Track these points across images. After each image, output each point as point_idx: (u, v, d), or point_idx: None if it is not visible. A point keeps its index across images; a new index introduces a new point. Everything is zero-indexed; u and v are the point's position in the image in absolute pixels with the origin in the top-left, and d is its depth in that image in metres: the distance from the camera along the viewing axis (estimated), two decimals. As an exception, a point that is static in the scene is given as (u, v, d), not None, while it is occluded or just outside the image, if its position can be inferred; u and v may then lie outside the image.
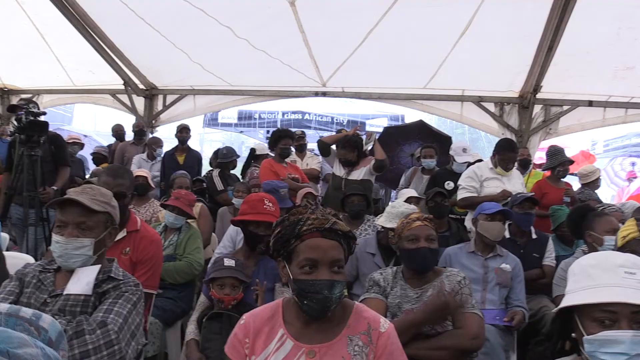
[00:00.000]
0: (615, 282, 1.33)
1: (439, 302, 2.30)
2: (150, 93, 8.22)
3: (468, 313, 2.45)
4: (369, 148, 5.34)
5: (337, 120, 10.92)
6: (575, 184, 6.61)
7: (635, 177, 10.43)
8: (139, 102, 8.27)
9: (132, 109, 8.26)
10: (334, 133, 9.00)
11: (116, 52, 7.13)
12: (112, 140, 8.54)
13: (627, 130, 10.74)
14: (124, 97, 8.27)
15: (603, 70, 6.41)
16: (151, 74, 7.90)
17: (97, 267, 2.09)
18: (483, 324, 2.49)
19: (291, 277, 1.60)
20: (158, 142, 7.15)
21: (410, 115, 9.05)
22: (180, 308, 3.72)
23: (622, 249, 2.58)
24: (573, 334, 1.42)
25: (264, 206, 2.99)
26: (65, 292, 2.02)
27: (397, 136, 7.68)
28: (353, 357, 1.58)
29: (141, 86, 8.07)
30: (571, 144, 10.14)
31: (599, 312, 1.33)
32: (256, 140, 11.44)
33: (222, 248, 3.85)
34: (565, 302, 1.40)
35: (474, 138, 22.11)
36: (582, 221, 3.43)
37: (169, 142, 8.32)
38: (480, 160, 5.54)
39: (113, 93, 8.35)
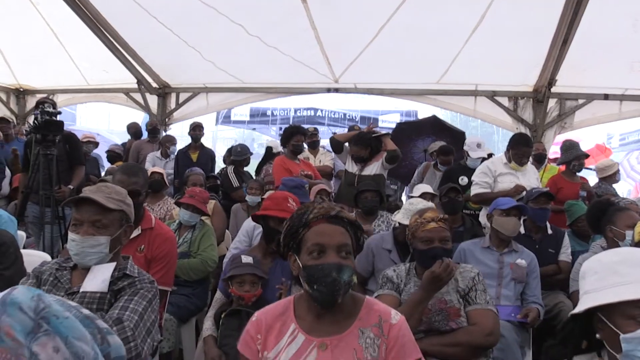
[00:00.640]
0: None
1: (430, 275, 2.34)
2: (163, 91, 8.27)
3: (482, 309, 2.44)
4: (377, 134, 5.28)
5: (349, 116, 10.90)
6: (591, 178, 6.54)
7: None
8: (152, 101, 8.33)
9: (146, 107, 8.33)
10: (346, 129, 9.00)
11: (129, 51, 7.18)
12: (125, 138, 8.61)
13: (644, 123, 10.59)
14: (137, 96, 8.34)
15: (619, 64, 6.32)
16: (164, 72, 7.95)
17: (112, 265, 2.11)
18: (498, 320, 2.47)
19: (301, 265, 1.62)
20: (172, 140, 7.20)
21: (424, 110, 9.02)
22: (194, 305, 3.74)
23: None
24: (597, 335, 1.39)
25: (288, 204, 2.99)
26: (81, 290, 2.04)
27: (410, 132, 7.65)
28: (365, 350, 1.58)
29: (154, 84, 8.13)
30: (586, 138, 10.03)
31: (634, 308, 1.30)
32: (269, 137, 11.47)
33: (238, 243, 3.87)
34: (596, 301, 1.36)
35: (488, 132, 21.95)
36: (603, 216, 3.38)
37: (182, 140, 8.37)
38: (491, 155, 5.50)
39: (127, 92, 8.43)
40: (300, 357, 1.59)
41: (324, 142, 10.29)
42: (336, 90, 7.67)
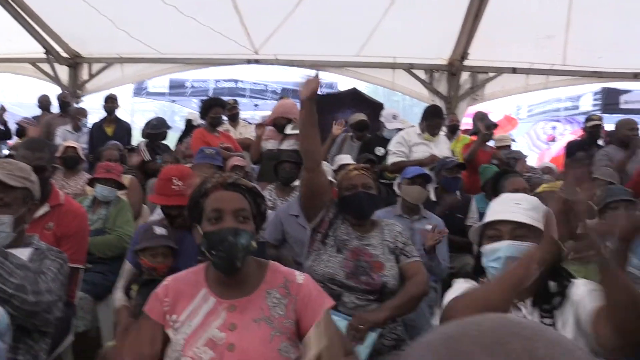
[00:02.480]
0: (505, 209, 1.72)
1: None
2: (74, 62, 7.85)
3: (419, 261, 2.61)
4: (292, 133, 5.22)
5: (270, 88, 10.80)
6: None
7: (555, 140, 11.04)
8: (62, 72, 7.89)
9: (55, 79, 7.88)
10: (268, 100, 8.94)
11: (35, 19, 6.76)
12: (35, 112, 8.12)
13: (549, 96, 11.26)
14: (46, 66, 7.86)
15: (526, 39, 6.67)
16: (74, 41, 7.54)
17: (28, 250, 2.05)
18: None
19: (201, 232, 1.69)
20: (82, 112, 6.89)
21: (344, 82, 9.11)
22: (111, 282, 3.62)
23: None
24: None
25: (172, 186, 2.83)
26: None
27: (331, 104, 7.70)
28: (272, 308, 1.68)
29: (64, 54, 7.69)
30: (497, 110, 10.56)
31: (490, 230, 1.74)
32: (190, 109, 11.18)
33: (157, 216, 3.80)
34: (473, 228, 1.87)
35: (409, 105, 22.47)
36: (497, 184, 3.64)
37: (97, 113, 8.02)
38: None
39: (33, 62, 7.91)
40: (210, 318, 1.66)
41: (247, 114, 10.17)
42: (256, 61, 7.61)
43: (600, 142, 6.03)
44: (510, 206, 1.73)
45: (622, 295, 1.41)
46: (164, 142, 6.34)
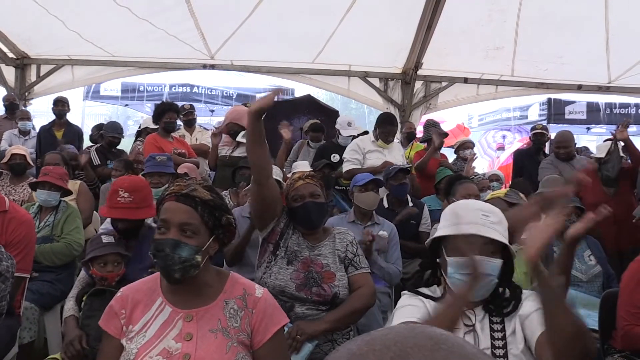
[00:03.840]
0: (476, 220, 1.68)
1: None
2: (22, 62, 7.58)
3: (366, 273, 2.60)
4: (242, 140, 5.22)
5: (226, 93, 10.73)
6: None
7: (503, 149, 11.42)
8: (9, 73, 7.61)
9: (1, 80, 7.59)
10: (223, 106, 8.84)
11: (-22, 17, 6.50)
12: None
13: (499, 105, 11.64)
14: (-9, 67, 7.58)
15: (476, 50, 6.87)
16: (22, 41, 7.27)
17: None
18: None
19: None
20: (22, 114, 6.68)
21: (300, 89, 9.16)
22: (59, 291, 3.55)
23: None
24: (438, 260, 1.79)
25: (118, 198, 2.79)
26: None
27: (287, 111, 7.72)
28: (228, 319, 1.67)
29: (10, 55, 7.42)
30: (450, 118, 10.85)
31: (459, 242, 1.68)
32: (143, 114, 10.97)
33: (107, 224, 3.72)
34: (438, 233, 1.78)
35: (366, 113, 22.75)
36: (451, 189, 3.75)
37: (47, 116, 7.78)
38: (366, 133, 5.76)
39: (-23, 62, 7.62)
40: (166, 328, 1.64)
41: (203, 120, 10.06)
42: (212, 66, 7.54)
43: (546, 150, 6.28)
44: (480, 217, 1.71)
45: (564, 323, 1.44)
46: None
